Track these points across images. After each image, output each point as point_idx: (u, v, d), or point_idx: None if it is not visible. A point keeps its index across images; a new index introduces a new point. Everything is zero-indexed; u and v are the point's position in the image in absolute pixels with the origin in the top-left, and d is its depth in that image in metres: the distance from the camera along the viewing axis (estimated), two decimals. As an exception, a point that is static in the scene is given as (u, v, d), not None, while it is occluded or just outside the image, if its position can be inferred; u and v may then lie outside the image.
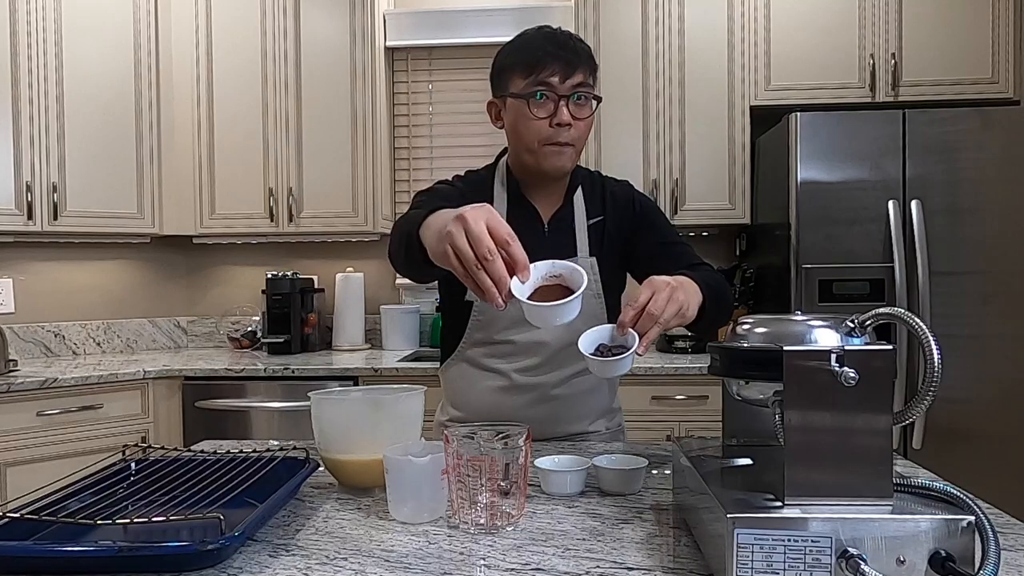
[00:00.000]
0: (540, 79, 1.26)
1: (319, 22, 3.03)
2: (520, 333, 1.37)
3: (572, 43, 1.29)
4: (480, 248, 0.88)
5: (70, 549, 0.79)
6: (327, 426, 1.11)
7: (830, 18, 2.87)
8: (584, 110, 1.29)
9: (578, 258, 1.38)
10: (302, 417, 2.64)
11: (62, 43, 2.75)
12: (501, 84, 1.34)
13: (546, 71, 1.25)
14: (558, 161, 1.31)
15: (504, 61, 1.33)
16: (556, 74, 1.25)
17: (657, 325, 1.04)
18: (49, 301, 3.07)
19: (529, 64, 1.27)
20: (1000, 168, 2.48)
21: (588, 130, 1.33)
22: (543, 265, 0.98)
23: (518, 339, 1.37)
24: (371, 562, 0.83)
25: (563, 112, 1.26)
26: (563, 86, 1.26)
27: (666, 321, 1.05)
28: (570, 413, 1.42)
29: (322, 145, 3.05)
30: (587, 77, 1.28)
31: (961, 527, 0.68)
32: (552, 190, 1.40)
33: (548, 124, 1.27)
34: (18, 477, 2.39)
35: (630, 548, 0.86)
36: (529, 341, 1.37)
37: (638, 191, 1.49)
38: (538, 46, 1.28)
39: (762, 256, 2.93)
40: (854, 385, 0.71)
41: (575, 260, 1.37)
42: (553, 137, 1.28)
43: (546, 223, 1.40)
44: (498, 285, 0.89)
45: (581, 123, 1.29)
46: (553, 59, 1.26)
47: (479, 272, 0.88)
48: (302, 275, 3.23)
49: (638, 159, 2.95)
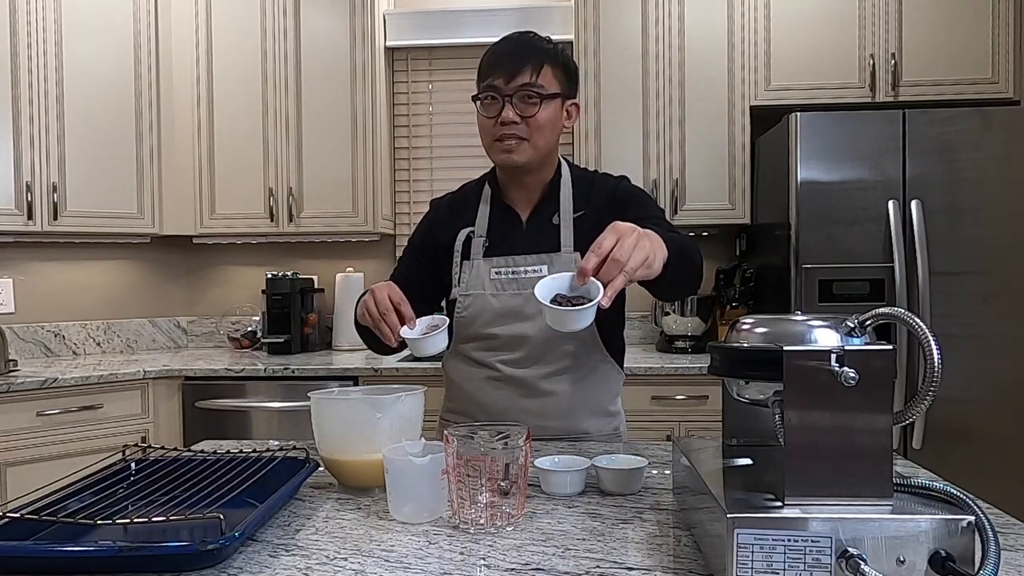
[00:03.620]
0: (487, 83, 1.38)
1: (319, 22, 3.03)
2: (501, 327, 1.41)
3: (524, 44, 1.38)
4: (380, 307, 1.26)
5: (70, 549, 0.79)
6: (327, 426, 1.11)
7: (830, 18, 2.87)
8: (531, 108, 1.35)
9: (561, 252, 1.40)
10: (302, 417, 2.64)
11: (62, 43, 2.75)
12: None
13: (492, 75, 1.37)
14: (507, 157, 1.38)
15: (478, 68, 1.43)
16: (500, 76, 1.35)
17: (623, 274, 0.99)
18: (49, 301, 3.07)
19: (482, 71, 1.40)
20: (1000, 168, 2.48)
21: (548, 126, 1.38)
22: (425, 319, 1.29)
23: (500, 332, 1.41)
24: (371, 562, 0.83)
25: (506, 111, 1.35)
26: (507, 87, 1.35)
27: (632, 270, 0.99)
28: (562, 408, 1.43)
29: (322, 145, 3.05)
30: (534, 76, 1.35)
31: (961, 527, 0.68)
32: (528, 186, 1.46)
33: (494, 123, 1.37)
34: (18, 477, 2.39)
35: (630, 548, 0.86)
36: (511, 335, 1.41)
37: (626, 182, 1.48)
38: (493, 52, 1.39)
39: (762, 256, 2.93)
40: (854, 385, 0.71)
41: (558, 255, 1.40)
42: (499, 133, 1.37)
43: (524, 220, 1.46)
44: (391, 329, 1.25)
45: (532, 119, 1.36)
46: (499, 64, 1.36)
47: (380, 323, 1.26)
48: (302, 275, 3.23)
49: (638, 159, 2.95)
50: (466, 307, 1.43)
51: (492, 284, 1.42)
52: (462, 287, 1.44)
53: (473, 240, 1.45)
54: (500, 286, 1.41)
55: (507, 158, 1.39)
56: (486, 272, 1.42)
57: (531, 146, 1.38)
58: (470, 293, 1.43)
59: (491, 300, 1.41)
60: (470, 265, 1.44)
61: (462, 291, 1.44)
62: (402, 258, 1.58)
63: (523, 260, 1.41)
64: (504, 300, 1.41)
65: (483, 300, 1.42)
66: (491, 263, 1.43)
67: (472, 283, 1.43)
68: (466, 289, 1.43)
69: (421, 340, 1.24)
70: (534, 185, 1.46)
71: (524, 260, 1.41)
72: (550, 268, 1.39)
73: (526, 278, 1.39)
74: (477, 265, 1.43)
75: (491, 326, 1.42)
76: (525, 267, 1.41)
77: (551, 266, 1.39)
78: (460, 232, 1.46)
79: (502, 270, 1.42)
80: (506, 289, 1.41)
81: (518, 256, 1.41)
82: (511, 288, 1.41)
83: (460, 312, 1.44)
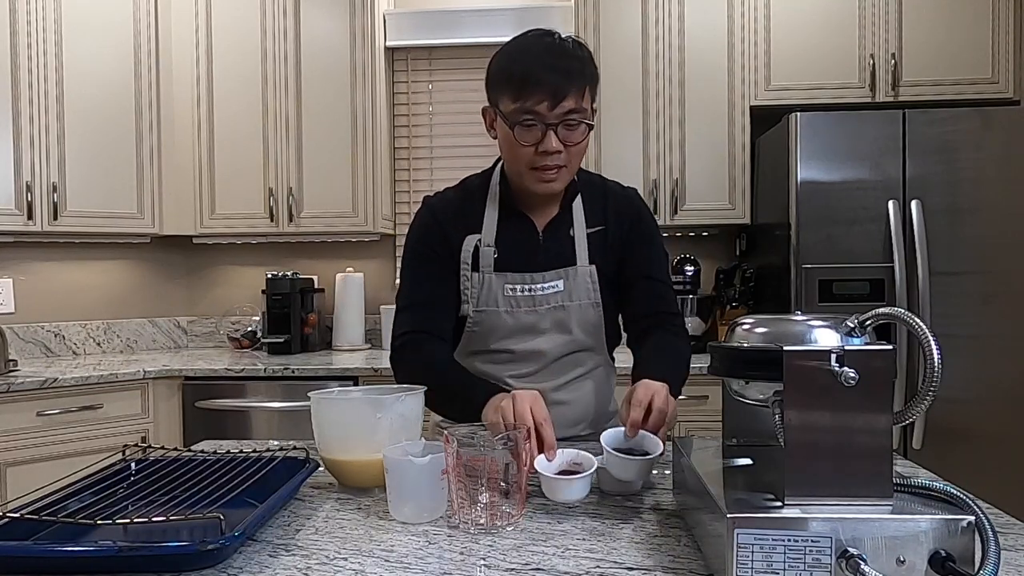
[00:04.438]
0: (527, 107, 1.20)
1: (319, 22, 3.03)
2: (519, 343, 1.36)
3: (566, 61, 1.21)
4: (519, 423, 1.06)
5: (70, 549, 0.79)
6: (327, 426, 1.11)
7: (830, 18, 2.87)
8: (575, 135, 1.24)
9: (577, 266, 1.36)
10: (302, 417, 2.64)
11: (62, 43, 2.75)
12: (492, 98, 1.30)
13: (533, 98, 1.19)
14: (546, 186, 1.28)
15: (495, 75, 1.27)
16: (544, 101, 1.19)
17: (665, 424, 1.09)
18: (49, 301, 3.07)
19: (518, 87, 1.21)
20: (1000, 168, 2.48)
21: (582, 151, 1.30)
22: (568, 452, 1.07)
23: (517, 348, 1.37)
24: (371, 562, 0.83)
25: (550, 140, 1.22)
26: (551, 114, 1.20)
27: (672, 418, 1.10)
28: (567, 418, 1.41)
29: (322, 145, 3.05)
30: (579, 100, 1.22)
31: (961, 527, 0.68)
32: (547, 200, 1.37)
33: (535, 151, 1.24)
34: (18, 477, 2.39)
35: (630, 548, 0.86)
36: (528, 350, 1.37)
37: (640, 201, 1.47)
38: (529, 64, 1.21)
39: (762, 256, 2.93)
40: (854, 385, 0.71)
41: (574, 268, 1.36)
42: (539, 162, 1.25)
43: (541, 232, 1.38)
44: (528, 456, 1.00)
45: (572, 148, 1.25)
46: (541, 84, 1.19)
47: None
48: (302, 275, 3.23)
49: (638, 159, 2.95)
50: (477, 323, 1.36)
51: (507, 301, 1.34)
52: (473, 303, 1.35)
53: (481, 250, 1.35)
54: (515, 303, 1.34)
55: (547, 187, 1.28)
56: (499, 288, 1.34)
57: (568, 172, 1.29)
58: (483, 310, 1.35)
59: (505, 317, 1.35)
60: (480, 278, 1.35)
61: (474, 307, 1.35)
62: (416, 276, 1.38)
63: (540, 277, 1.34)
64: (519, 317, 1.35)
65: (496, 317, 1.35)
66: (505, 278, 1.34)
67: (485, 299, 1.35)
68: (478, 304, 1.35)
69: (556, 482, 0.99)
70: (552, 200, 1.38)
71: (542, 277, 1.34)
72: (566, 283, 1.35)
73: (543, 295, 1.34)
74: (489, 280, 1.35)
75: (507, 341, 1.37)
76: (543, 284, 1.34)
77: (567, 280, 1.35)
78: (466, 239, 1.36)
79: (517, 287, 1.34)
80: (521, 306, 1.34)
81: (535, 273, 1.34)
82: (526, 305, 1.34)
83: (471, 327, 1.37)
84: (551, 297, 1.35)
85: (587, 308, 1.37)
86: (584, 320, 1.38)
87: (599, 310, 1.38)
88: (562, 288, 1.35)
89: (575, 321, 1.37)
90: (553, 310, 1.35)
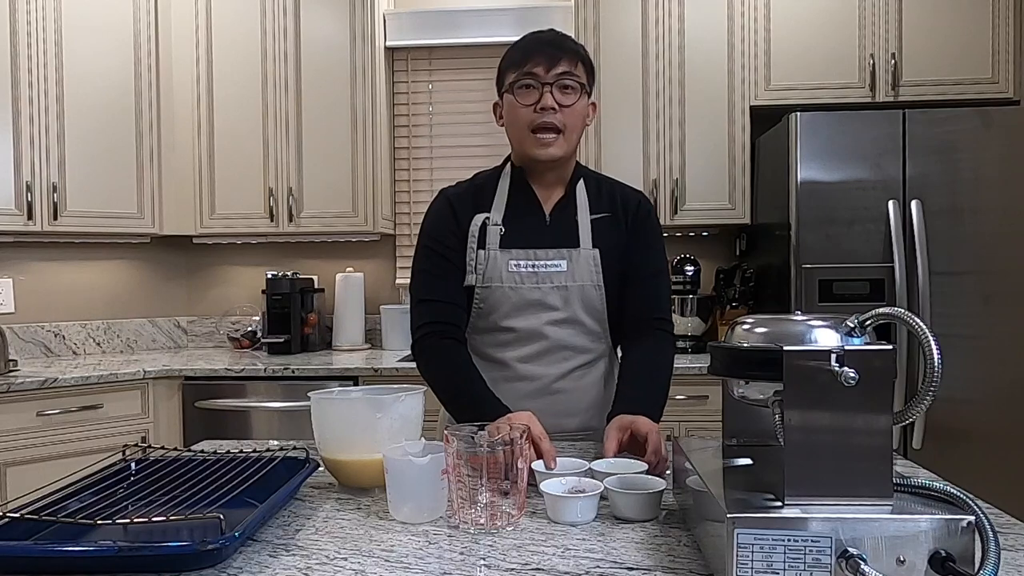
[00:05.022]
0: (525, 70, 1.36)
1: (319, 22, 3.03)
2: (520, 320, 1.41)
3: (560, 40, 1.39)
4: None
5: (70, 549, 0.79)
6: (327, 426, 1.11)
7: (830, 18, 2.87)
8: (569, 97, 1.36)
9: (581, 248, 1.41)
10: (302, 417, 2.64)
11: (62, 43, 2.75)
12: (500, 83, 1.44)
13: (531, 63, 1.36)
14: (546, 151, 1.37)
15: (503, 63, 1.43)
16: (540, 65, 1.35)
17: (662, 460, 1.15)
18: (49, 301, 3.07)
19: (519, 60, 1.38)
20: (1000, 168, 2.48)
21: (580, 120, 1.40)
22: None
23: (519, 326, 1.41)
24: (371, 562, 0.83)
25: (547, 97, 1.35)
26: (547, 75, 1.35)
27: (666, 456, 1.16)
28: (570, 407, 1.43)
29: (322, 145, 3.05)
30: (573, 67, 1.36)
31: (961, 527, 0.68)
32: (552, 181, 1.45)
33: (533, 110, 1.36)
34: (18, 477, 2.39)
35: (630, 548, 0.86)
36: (529, 328, 1.41)
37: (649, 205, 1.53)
38: (529, 43, 1.39)
39: (762, 256, 2.93)
40: (854, 385, 0.71)
41: (577, 251, 1.41)
42: (538, 120, 1.36)
43: (548, 213, 1.45)
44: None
45: (568, 110, 1.36)
46: (538, 52, 1.36)
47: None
48: (302, 275, 3.23)
49: (638, 159, 2.95)
50: (483, 299, 1.41)
51: (511, 277, 1.40)
52: (479, 278, 1.41)
53: (488, 228, 1.42)
54: (519, 279, 1.40)
55: (544, 152, 1.37)
56: (504, 263, 1.40)
57: (565, 140, 1.38)
58: (488, 285, 1.41)
59: (509, 293, 1.40)
60: (486, 255, 1.41)
61: (480, 283, 1.41)
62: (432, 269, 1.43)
63: (544, 254, 1.40)
64: (523, 293, 1.40)
65: (501, 292, 1.40)
66: (509, 255, 1.40)
67: (490, 274, 1.41)
68: (483, 280, 1.41)
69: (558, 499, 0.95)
70: (557, 182, 1.46)
71: (546, 255, 1.40)
72: (569, 264, 1.40)
73: (546, 272, 1.40)
74: (494, 256, 1.41)
75: (510, 319, 1.41)
76: (546, 261, 1.40)
77: (570, 261, 1.40)
78: (475, 217, 1.43)
79: (521, 262, 1.40)
80: (525, 282, 1.40)
81: (539, 250, 1.41)
82: (530, 281, 1.40)
83: (477, 303, 1.42)
84: (555, 275, 1.40)
85: (589, 290, 1.42)
86: (588, 302, 1.42)
87: (601, 293, 1.42)
88: (565, 268, 1.40)
89: (578, 302, 1.41)
90: (557, 289, 1.40)
